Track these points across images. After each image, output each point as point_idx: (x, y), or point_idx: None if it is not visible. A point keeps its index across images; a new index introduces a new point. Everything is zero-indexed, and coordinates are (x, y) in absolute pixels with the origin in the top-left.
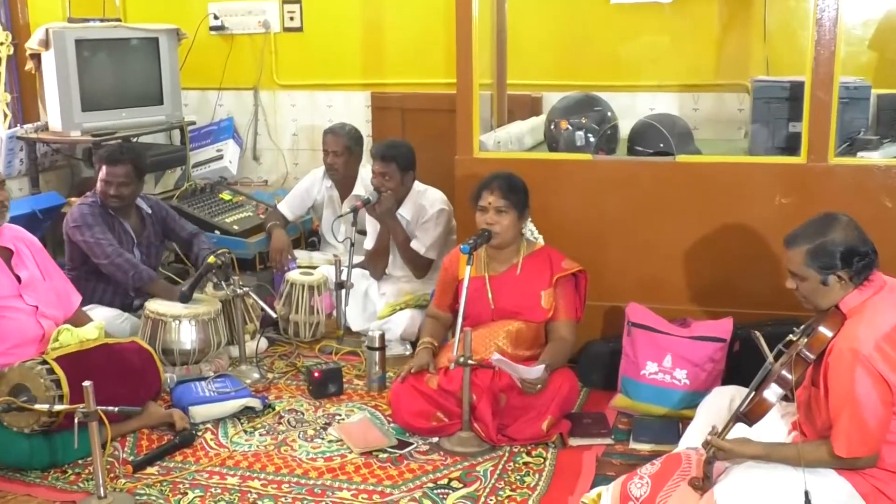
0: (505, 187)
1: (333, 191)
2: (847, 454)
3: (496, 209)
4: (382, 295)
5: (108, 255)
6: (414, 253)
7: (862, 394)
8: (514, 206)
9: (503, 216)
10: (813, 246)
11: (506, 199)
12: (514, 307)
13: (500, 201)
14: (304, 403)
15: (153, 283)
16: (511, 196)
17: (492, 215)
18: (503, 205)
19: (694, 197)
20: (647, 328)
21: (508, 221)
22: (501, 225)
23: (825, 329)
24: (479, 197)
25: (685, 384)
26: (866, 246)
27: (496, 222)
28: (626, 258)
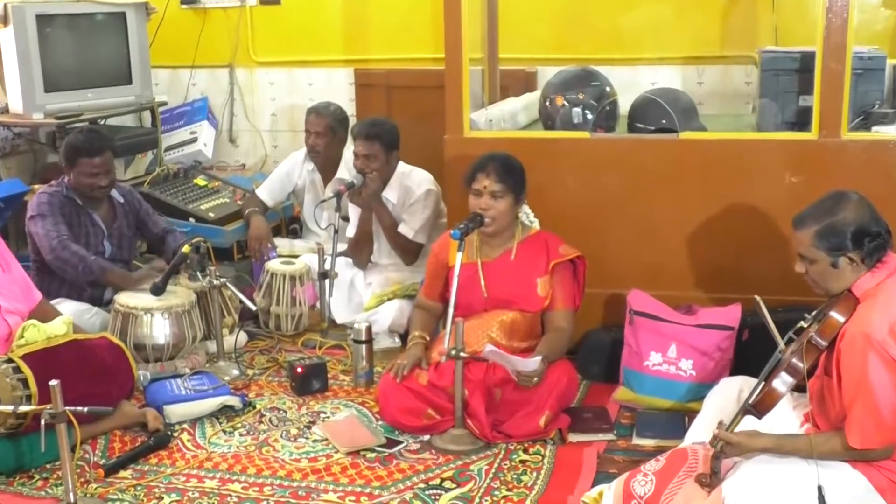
0: (502, 170)
1: (316, 174)
2: (861, 445)
3: (491, 193)
4: (368, 285)
5: (52, 248)
6: (402, 238)
7: (875, 381)
8: (510, 191)
9: (499, 201)
10: (822, 226)
11: (502, 183)
12: (508, 295)
13: (495, 185)
14: (287, 401)
15: (106, 273)
16: (508, 179)
17: (486, 200)
18: (499, 189)
19: (699, 176)
20: (651, 316)
21: (504, 206)
22: (497, 210)
23: (837, 314)
24: (473, 179)
25: (691, 375)
26: (879, 226)
27: (491, 207)
28: (628, 242)
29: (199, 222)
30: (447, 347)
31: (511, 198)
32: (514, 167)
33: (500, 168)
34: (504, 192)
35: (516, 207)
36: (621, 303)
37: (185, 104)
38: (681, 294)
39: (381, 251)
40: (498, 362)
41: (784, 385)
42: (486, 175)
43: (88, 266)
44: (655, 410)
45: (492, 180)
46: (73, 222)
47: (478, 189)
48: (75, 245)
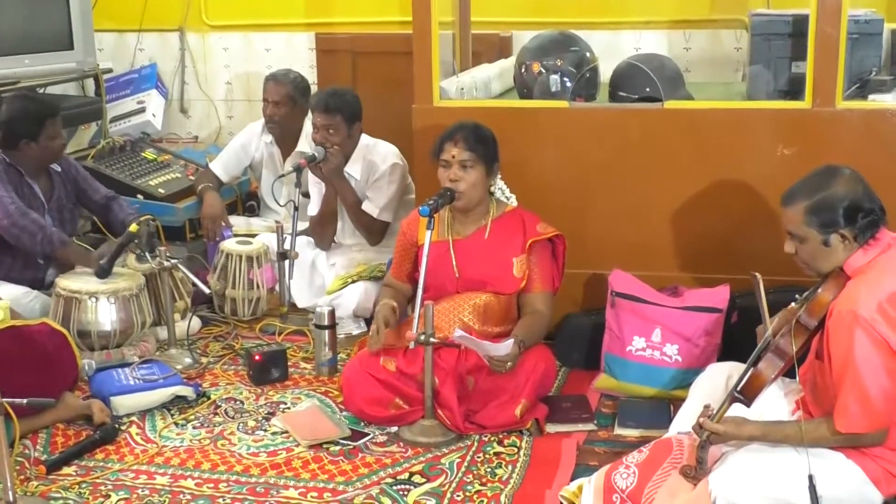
0: (471, 137)
1: (274, 147)
2: (847, 429)
3: (460, 163)
4: (332, 266)
5: (9, 213)
6: (366, 216)
7: (862, 361)
8: (481, 160)
9: (469, 172)
10: (812, 202)
11: (472, 152)
12: (481, 276)
13: (464, 154)
14: (244, 391)
15: (66, 247)
16: (478, 148)
17: (455, 170)
18: (468, 158)
19: (685, 148)
20: (634, 298)
21: (475, 178)
22: (466, 182)
23: (825, 291)
24: (441, 150)
25: (676, 361)
26: (872, 202)
27: (460, 178)
28: (609, 220)
29: (148, 199)
30: (416, 332)
31: (482, 168)
32: (485, 135)
33: (470, 136)
34: (474, 161)
35: (488, 179)
36: (602, 284)
37: (131, 71)
38: (666, 274)
39: (344, 230)
40: (468, 347)
41: (771, 368)
42: (455, 144)
43: (48, 237)
44: (639, 399)
45: (460, 149)
46: (18, 193)
47: (446, 160)
48: (35, 213)
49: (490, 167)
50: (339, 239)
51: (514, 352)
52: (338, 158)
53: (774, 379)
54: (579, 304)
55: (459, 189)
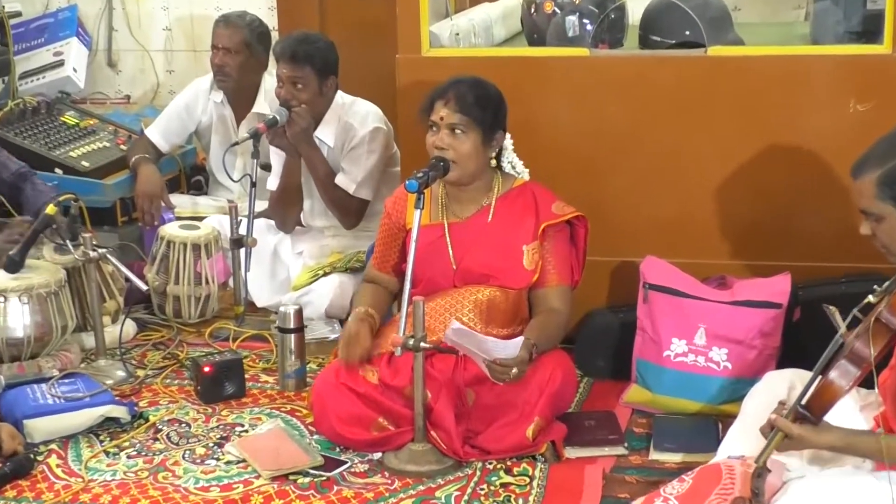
0: (467, 97)
1: (226, 108)
2: None
3: (449, 127)
4: (298, 255)
5: None
6: (340, 193)
7: None
8: (476, 126)
9: (460, 138)
10: (885, 170)
11: (464, 115)
12: (484, 267)
13: (454, 116)
14: (191, 410)
15: None
16: (474, 111)
17: (443, 135)
18: (460, 121)
19: (734, 105)
20: (671, 291)
21: (468, 147)
22: (457, 151)
23: None
24: (431, 109)
25: (725, 369)
26: None
27: (449, 147)
28: (640, 194)
29: (69, 174)
30: (402, 335)
31: (477, 135)
32: (485, 94)
33: (466, 94)
34: (467, 125)
35: (486, 149)
36: (633, 274)
37: (45, 15)
38: (711, 262)
39: (313, 210)
40: (464, 349)
41: (845, 378)
42: (445, 103)
43: None
44: (679, 415)
45: (450, 109)
46: None
47: (434, 121)
48: None
49: (489, 135)
50: (307, 221)
51: (523, 356)
52: (305, 121)
53: (848, 390)
54: (604, 300)
55: (449, 158)
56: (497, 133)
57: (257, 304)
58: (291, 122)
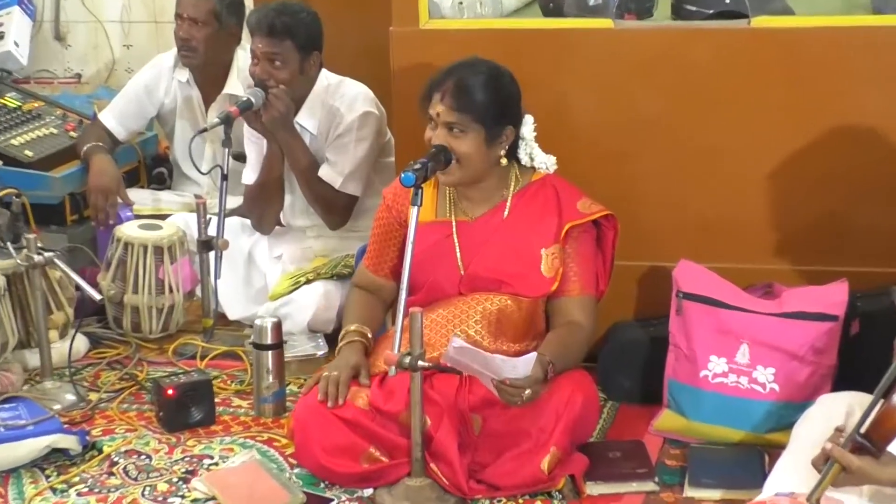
0: (463, 90)
1: (192, 89)
2: None
3: (446, 125)
4: (277, 259)
5: None
6: (324, 187)
7: None
8: (476, 122)
9: (459, 138)
10: None
11: (462, 112)
12: (496, 272)
13: (451, 114)
14: (152, 440)
15: None
16: (472, 106)
17: (440, 134)
18: (458, 120)
19: (782, 86)
20: (709, 301)
21: (469, 147)
22: (456, 151)
23: None
24: (429, 97)
25: (773, 391)
26: None
27: (449, 147)
28: (672, 188)
29: (10, 165)
30: (397, 352)
31: (478, 134)
32: (490, 84)
33: (464, 86)
34: (466, 124)
35: (492, 148)
36: (665, 281)
37: None
38: (755, 266)
39: (294, 208)
40: (468, 369)
41: None
42: (441, 97)
43: None
44: (718, 446)
45: (446, 106)
46: None
47: (430, 116)
48: None
49: (494, 133)
50: (287, 220)
51: (538, 375)
52: (284, 104)
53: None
54: (631, 311)
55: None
56: (505, 129)
57: (229, 316)
58: (268, 105)
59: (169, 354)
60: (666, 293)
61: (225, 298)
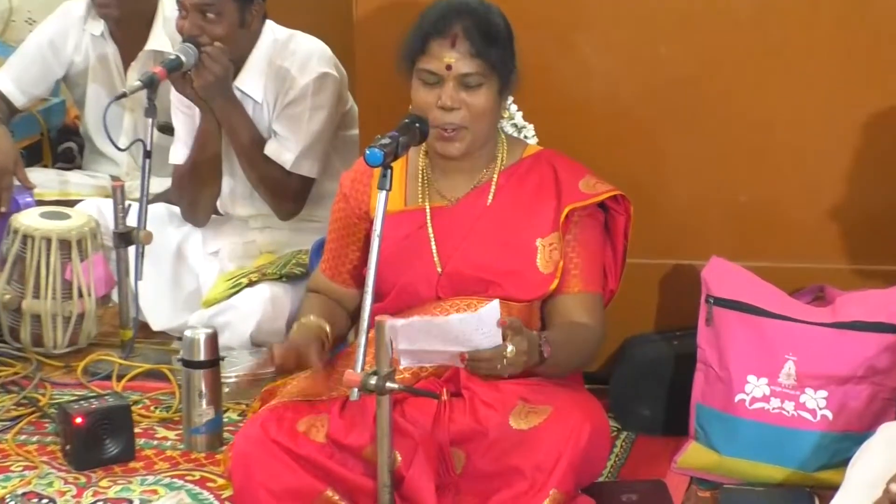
0: (478, 30)
1: (108, 44)
2: None
3: (462, 80)
4: (213, 256)
5: None
6: (272, 167)
7: None
8: (494, 72)
9: (476, 94)
10: None
11: (481, 58)
12: (481, 269)
13: (468, 62)
14: (56, 480)
15: None
16: (490, 50)
17: (452, 91)
18: (477, 69)
19: (843, 47)
20: (747, 308)
21: (484, 103)
22: (472, 111)
23: None
24: (423, 51)
25: (824, 419)
26: None
27: (461, 104)
28: (704, 170)
29: None
30: (361, 372)
31: (495, 85)
32: (496, 21)
33: (474, 26)
34: (485, 73)
35: (502, 103)
36: (691, 283)
37: None
38: (803, 265)
39: (234, 193)
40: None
41: None
42: (452, 42)
43: None
44: (757, 486)
45: (461, 53)
46: None
47: (433, 70)
48: None
49: (506, 81)
50: (224, 208)
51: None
52: (221, 65)
53: None
54: (651, 320)
55: (456, 121)
56: (512, 78)
57: (153, 326)
58: (201, 66)
59: (78, 374)
60: (693, 298)
61: (148, 305)
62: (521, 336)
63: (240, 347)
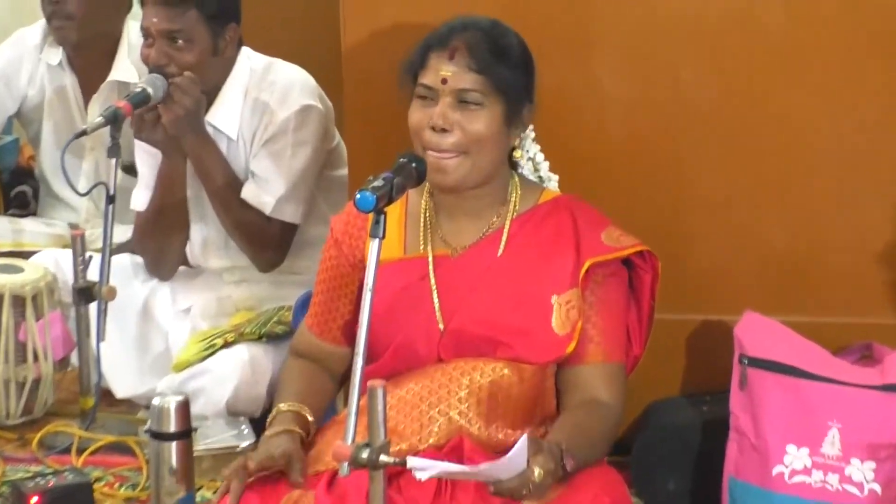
0: (483, 44)
1: (67, 75)
2: None
3: (456, 94)
4: (184, 313)
5: None
6: (250, 213)
7: None
8: (499, 91)
9: (474, 114)
10: None
11: (483, 73)
12: (489, 328)
13: (466, 77)
14: None
15: None
16: (495, 67)
17: (445, 110)
18: (475, 85)
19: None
20: (786, 369)
21: (484, 126)
22: (467, 132)
23: None
24: (423, 63)
25: (873, 494)
26: None
27: (454, 124)
28: (734, 211)
29: None
30: (351, 444)
31: (500, 108)
32: (510, 42)
33: (480, 40)
34: (486, 92)
35: (510, 132)
36: (723, 342)
37: None
38: (848, 320)
39: (206, 243)
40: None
41: None
42: (451, 55)
43: None
44: None
45: (459, 66)
46: None
47: (429, 85)
48: None
49: (515, 109)
50: (194, 260)
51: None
52: (192, 98)
53: None
54: (677, 383)
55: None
56: (526, 106)
57: (117, 393)
58: (170, 99)
59: (33, 447)
60: (725, 358)
61: (111, 369)
62: (543, 454)
63: (214, 417)
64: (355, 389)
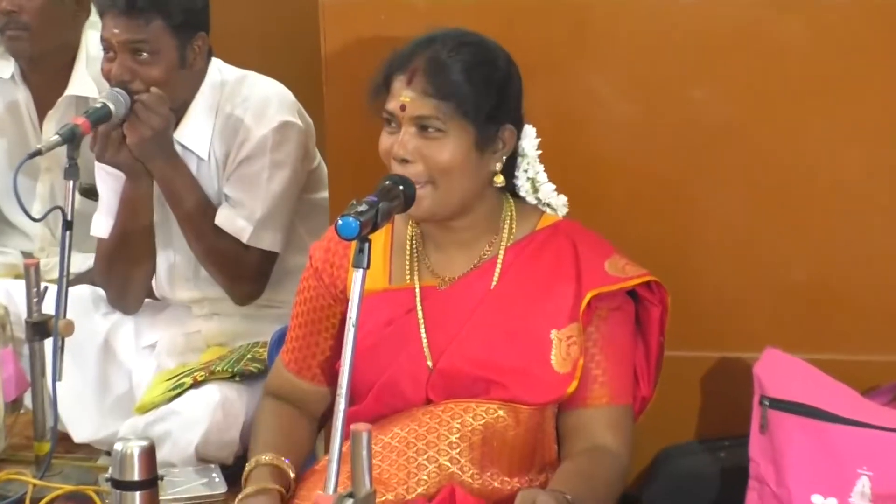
0: (445, 65)
1: (20, 89)
2: None
3: (415, 121)
4: (148, 350)
5: None
6: (225, 241)
7: None
8: (463, 115)
9: (437, 141)
10: None
11: (442, 98)
12: (482, 366)
13: (424, 103)
14: None
15: None
16: (457, 88)
17: (405, 139)
18: (434, 112)
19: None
20: (810, 411)
21: (448, 156)
22: (429, 163)
23: None
24: (386, 87)
25: None
26: None
27: (411, 153)
28: (752, 240)
29: None
30: (333, 493)
31: (466, 134)
32: (479, 59)
33: (442, 61)
34: (447, 117)
35: (484, 159)
36: (740, 381)
37: None
38: (876, 358)
39: (174, 272)
40: None
41: None
42: (409, 80)
43: None
44: None
45: (416, 91)
46: None
47: (389, 111)
48: None
49: (487, 134)
50: (161, 292)
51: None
52: (159, 115)
53: None
54: (692, 428)
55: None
56: (502, 130)
57: (75, 438)
58: (135, 118)
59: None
60: (744, 400)
61: (69, 411)
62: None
63: (182, 464)
64: (337, 433)
